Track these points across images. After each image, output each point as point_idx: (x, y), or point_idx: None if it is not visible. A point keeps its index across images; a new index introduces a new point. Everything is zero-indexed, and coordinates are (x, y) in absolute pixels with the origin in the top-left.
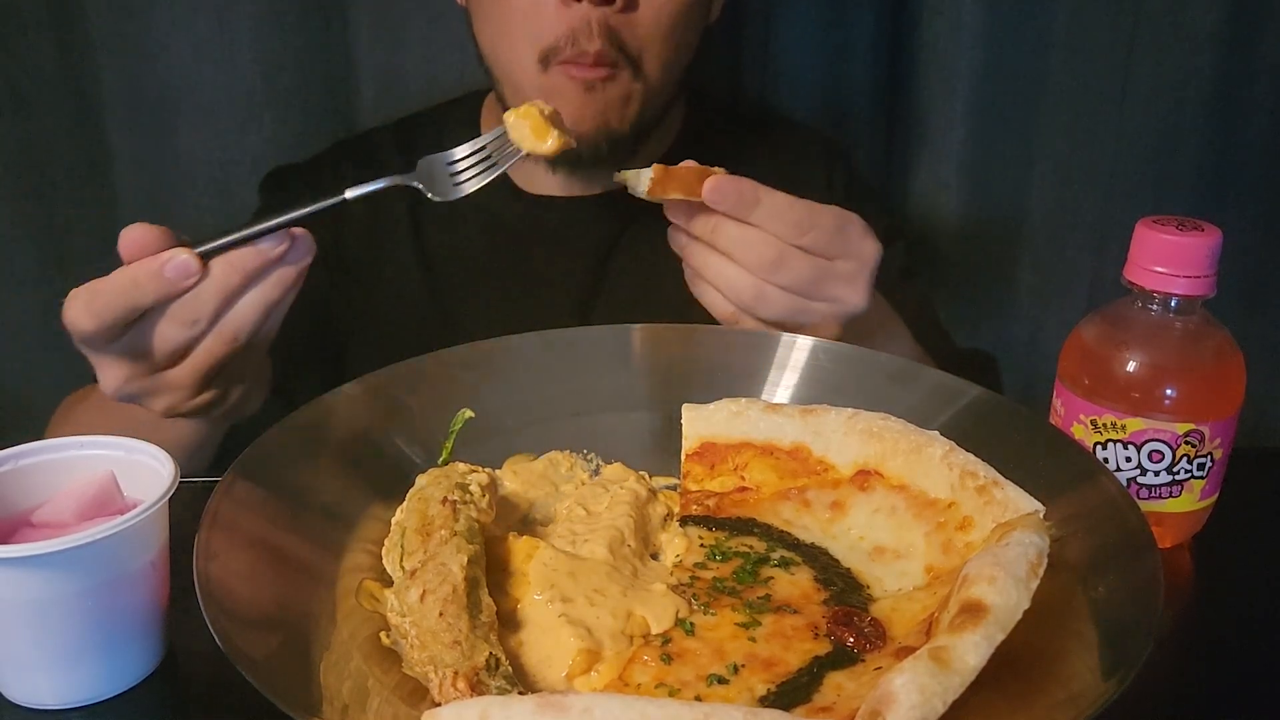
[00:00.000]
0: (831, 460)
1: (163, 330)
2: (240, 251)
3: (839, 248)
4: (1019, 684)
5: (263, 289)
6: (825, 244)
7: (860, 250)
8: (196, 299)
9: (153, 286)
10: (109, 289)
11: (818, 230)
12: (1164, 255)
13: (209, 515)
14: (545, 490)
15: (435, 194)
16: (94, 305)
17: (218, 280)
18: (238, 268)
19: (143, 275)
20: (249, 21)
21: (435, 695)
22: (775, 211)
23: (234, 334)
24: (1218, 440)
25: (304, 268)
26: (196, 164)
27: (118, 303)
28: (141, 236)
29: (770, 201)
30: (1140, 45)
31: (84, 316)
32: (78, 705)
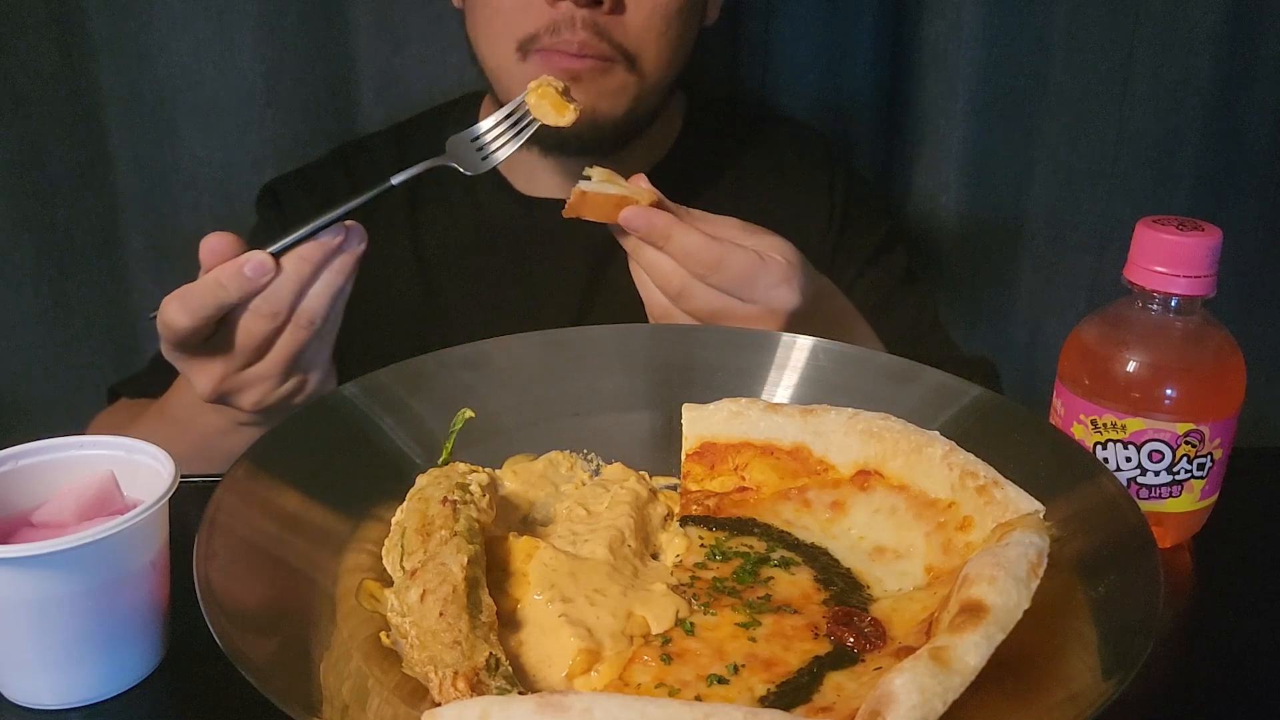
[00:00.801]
0: (831, 460)
1: (248, 325)
2: (306, 245)
3: (746, 292)
4: (1019, 684)
5: (328, 277)
6: (731, 286)
7: (770, 298)
8: (275, 293)
9: (236, 285)
10: (199, 290)
11: (724, 273)
12: (1164, 255)
13: (209, 515)
14: (545, 490)
15: (466, 169)
16: (188, 304)
17: (290, 273)
18: (306, 259)
19: (226, 276)
20: (249, 21)
21: (435, 695)
22: (684, 250)
23: (310, 320)
24: (1218, 440)
25: (359, 254)
26: (196, 164)
27: (208, 301)
28: (220, 244)
29: (681, 238)
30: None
31: (180, 315)
32: (78, 705)
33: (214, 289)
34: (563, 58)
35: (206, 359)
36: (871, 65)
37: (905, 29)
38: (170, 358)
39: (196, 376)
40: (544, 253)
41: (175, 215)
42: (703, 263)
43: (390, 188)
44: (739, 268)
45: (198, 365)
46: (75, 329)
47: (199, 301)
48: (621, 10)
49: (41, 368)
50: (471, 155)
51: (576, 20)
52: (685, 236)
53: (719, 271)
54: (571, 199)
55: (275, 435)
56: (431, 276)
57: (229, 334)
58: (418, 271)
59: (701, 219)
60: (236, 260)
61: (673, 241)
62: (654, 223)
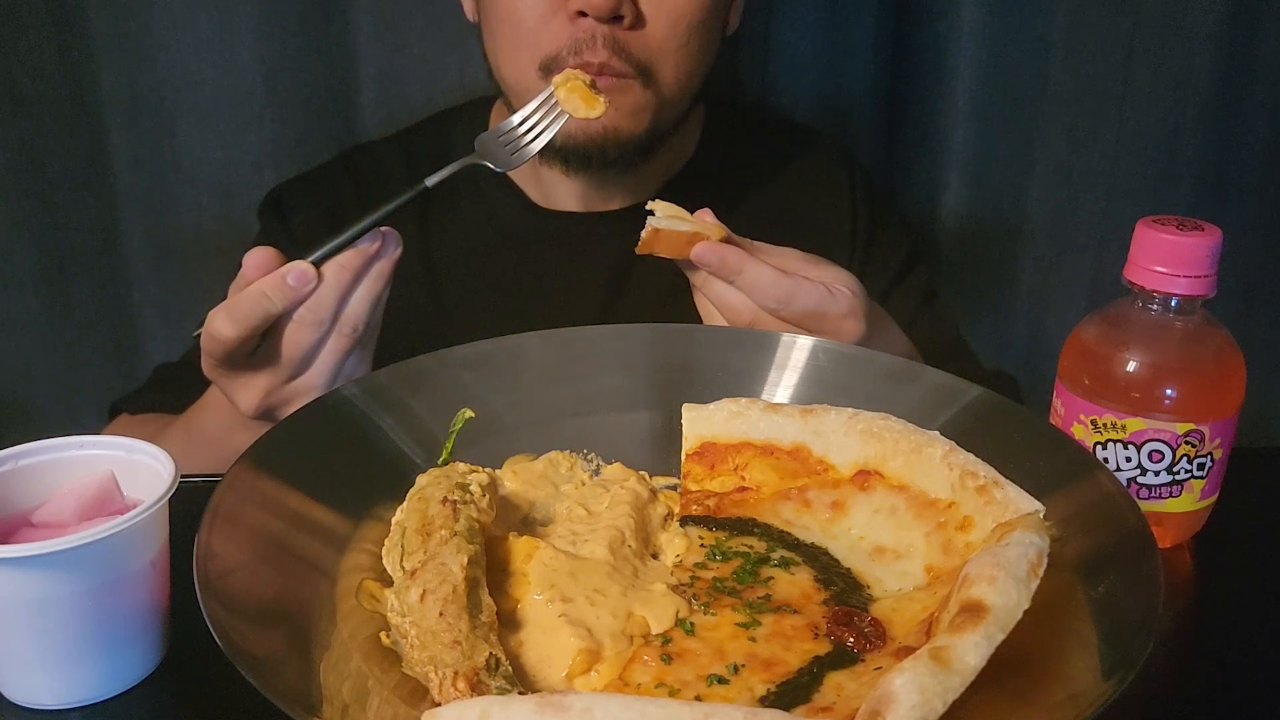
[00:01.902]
0: (831, 460)
1: (294, 335)
2: (345, 253)
3: (814, 325)
4: (1019, 684)
5: (368, 283)
6: (800, 320)
7: (837, 330)
8: (318, 301)
9: (280, 295)
10: (245, 301)
11: (793, 308)
12: (1164, 255)
13: (209, 515)
14: (545, 490)
15: (498, 166)
16: (235, 315)
17: (332, 281)
18: (346, 267)
19: (269, 287)
20: (249, 21)
21: (435, 695)
22: (755, 285)
23: (353, 327)
24: (1218, 440)
25: (396, 259)
26: (196, 164)
27: (255, 312)
28: (262, 258)
29: (753, 273)
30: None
31: (228, 326)
32: (78, 705)
33: (259, 300)
34: None
35: (251, 374)
36: (871, 65)
37: (905, 29)
38: (214, 375)
39: (242, 392)
40: (562, 267)
41: (175, 215)
42: (774, 297)
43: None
44: (809, 301)
45: (243, 381)
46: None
47: (245, 312)
48: (642, 25)
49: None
50: (501, 152)
51: (598, 38)
52: (756, 271)
53: (789, 305)
54: (645, 236)
55: (275, 435)
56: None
57: (273, 347)
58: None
59: (765, 251)
60: (279, 271)
61: (744, 276)
62: (726, 258)
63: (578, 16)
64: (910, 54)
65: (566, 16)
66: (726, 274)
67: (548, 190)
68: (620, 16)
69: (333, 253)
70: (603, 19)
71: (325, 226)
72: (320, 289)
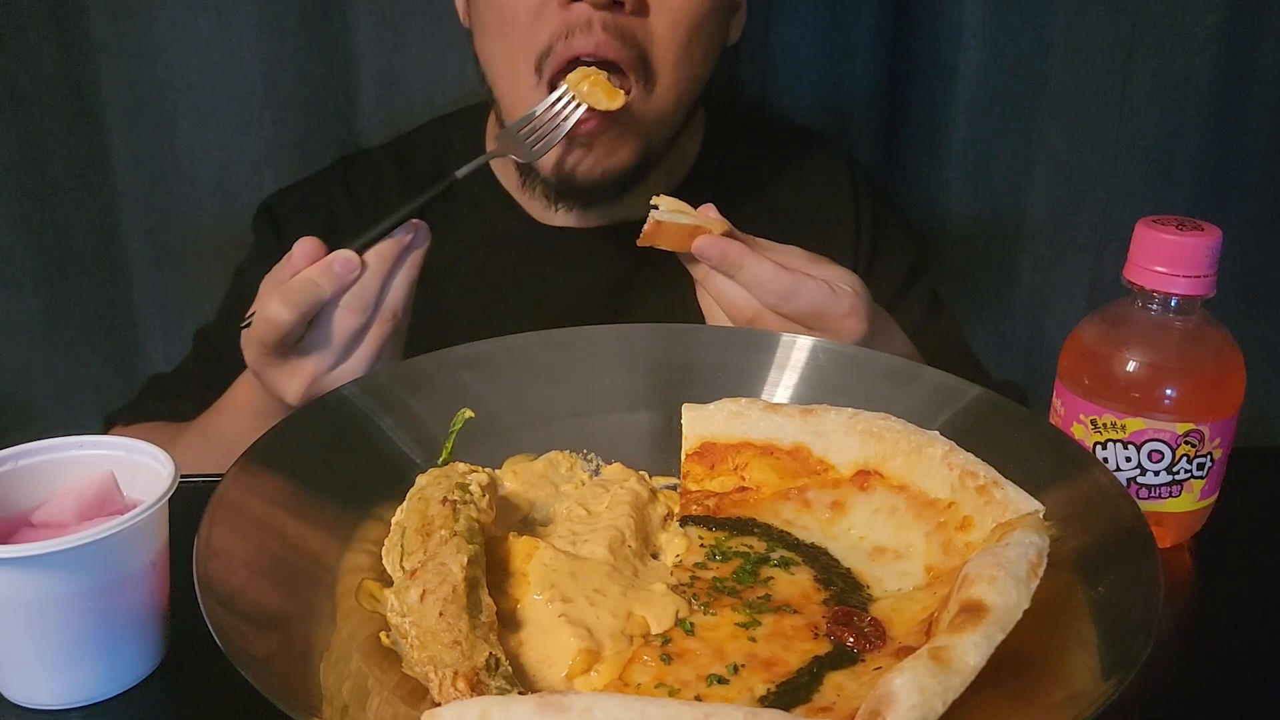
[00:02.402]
0: (831, 460)
1: (341, 321)
2: (383, 243)
3: (815, 323)
4: (1019, 684)
5: (405, 271)
6: (801, 317)
7: (838, 329)
8: (363, 287)
9: (328, 280)
10: (297, 287)
11: (795, 304)
12: (1164, 255)
13: (209, 515)
14: (545, 490)
15: (523, 158)
16: (290, 299)
17: (374, 269)
18: (386, 256)
19: (318, 274)
20: (249, 21)
21: (435, 695)
22: (756, 280)
23: (394, 313)
24: (1217, 440)
25: (427, 249)
26: (196, 164)
27: (306, 296)
28: (311, 248)
29: (754, 268)
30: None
31: (284, 309)
32: (78, 705)
33: (309, 285)
34: None
35: (298, 360)
36: (871, 65)
37: (905, 29)
38: (260, 365)
39: (288, 381)
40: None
41: (175, 215)
42: (775, 293)
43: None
44: (810, 298)
45: (290, 369)
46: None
47: (299, 297)
48: (645, 13)
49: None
50: (523, 145)
51: (594, 22)
52: (757, 266)
53: (790, 301)
54: (646, 228)
55: (275, 435)
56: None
57: (319, 334)
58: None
59: (768, 248)
60: (325, 260)
61: (745, 271)
62: (727, 252)
63: (569, 3)
64: (910, 54)
65: (558, 5)
66: (727, 268)
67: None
68: (620, 2)
69: (371, 243)
70: (598, 4)
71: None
72: (364, 276)
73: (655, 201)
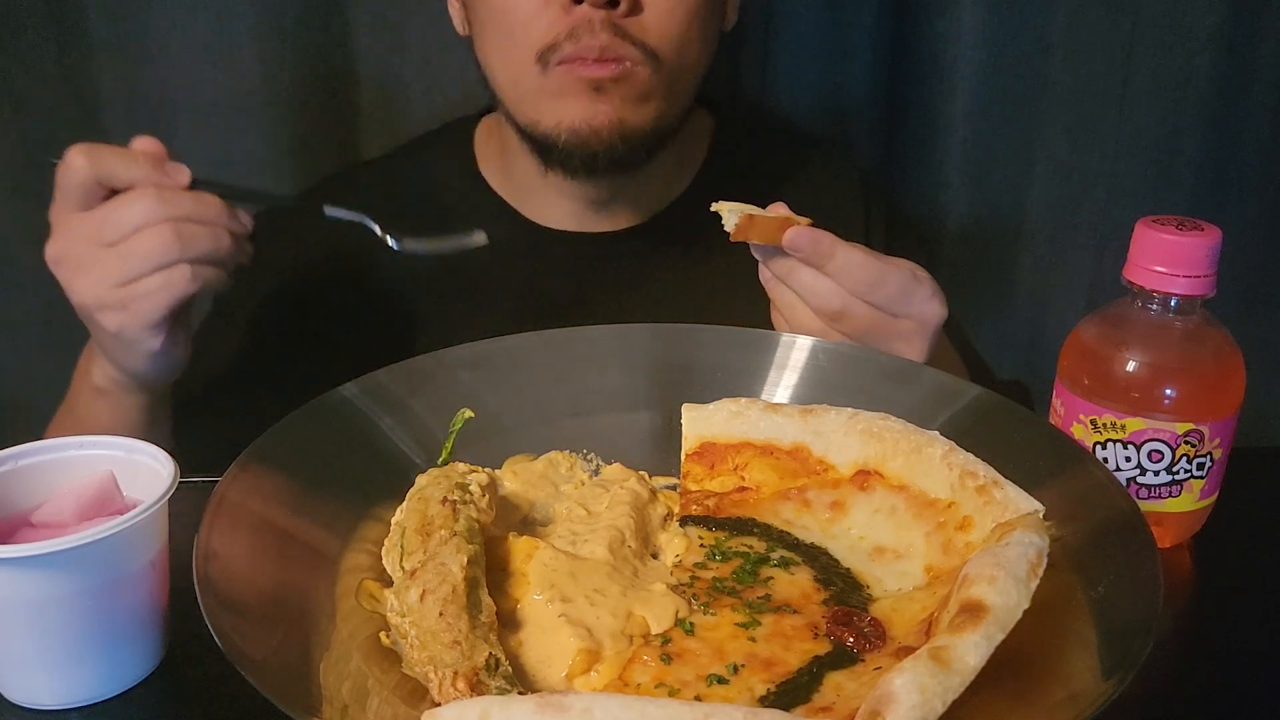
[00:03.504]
0: (831, 460)
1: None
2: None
3: (903, 307)
4: (1019, 684)
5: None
6: (889, 302)
7: (923, 311)
8: (194, 202)
9: (143, 163)
10: (111, 151)
11: (884, 289)
12: (1164, 255)
13: (209, 515)
14: (545, 490)
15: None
16: (94, 157)
17: (213, 208)
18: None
19: (136, 148)
20: (249, 21)
21: (435, 695)
22: (847, 268)
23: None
24: (1217, 440)
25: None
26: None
27: (108, 156)
28: (151, 145)
29: (844, 256)
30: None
31: (83, 162)
32: (77, 705)
33: (118, 152)
34: (585, 65)
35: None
36: (871, 65)
37: (905, 29)
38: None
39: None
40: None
41: None
42: (864, 280)
43: None
44: (898, 281)
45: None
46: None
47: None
48: (639, 10)
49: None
50: None
51: (595, 23)
52: (848, 253)
53: (880, 287)
54: (740, 221)
55: (274, 434)
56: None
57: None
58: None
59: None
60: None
61: (836, 259)
62: (819, 240)
63: (572, 4)
64: (910, 54)
65: (560, 6)
66: (819, 258)
67: (546, 209)
68: (616, 2)
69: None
70: (599, 3)
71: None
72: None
73: (717, 209)
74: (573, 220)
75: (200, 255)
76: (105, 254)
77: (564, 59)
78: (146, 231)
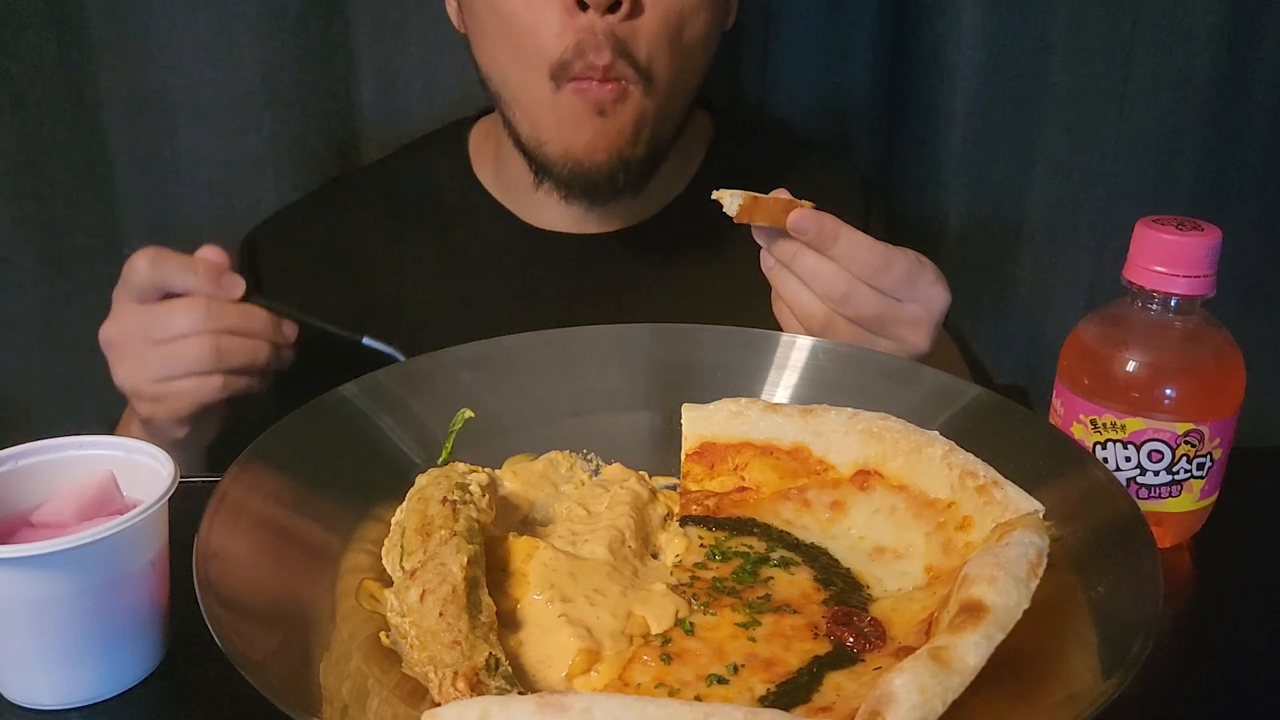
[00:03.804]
0: (831, 460)
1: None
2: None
3: (908, 292)
4: (1019, 684)
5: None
6: (895, 287)
7: (929, 297)
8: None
9: (202, 270)
10: (167, 253)
11: (890, 274)
12: (1164, 255)
13: (209, 515)
14: (545, 490)
15: None
16: (157, 263)
17: (261, 322)
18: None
19: (199, 258)
20: (249, 21)
21: (435, 695)
22: (852, 251)
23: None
24: (1217, 440)
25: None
26: (196, 164)
27: (170, 262)
28: (213, 250)
29: (849, 240)
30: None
31: (146, 267)
32: (77, 705)
33: (180, 259)
34: (593, 86)
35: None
36: (871, 65)
37: (905, 29)
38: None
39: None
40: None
41: (175, 215)
42: (870, 263)
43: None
44: (904, 265)
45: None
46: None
47: (164, 257)
48: (640, 13)
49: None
50: None
51: (600, 36)
52: (853, 237)
53: (886, 272)
54: (744, 202)
55: (274, 434)
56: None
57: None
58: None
59: None
60: (216, 260)
61: (840, 242)
62: (824, 223)
63: (577, 10)
64: (910, 54)
65: (565, 11)
66: (823, 241)
67: (540, 210)
68: (617, 7)
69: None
70: (601, 8)
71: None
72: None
73: (717, 197)
74: (568, 222)
75: (236, 367)
76: (150, 349)
77: (574, 77)
78: (190, 339)
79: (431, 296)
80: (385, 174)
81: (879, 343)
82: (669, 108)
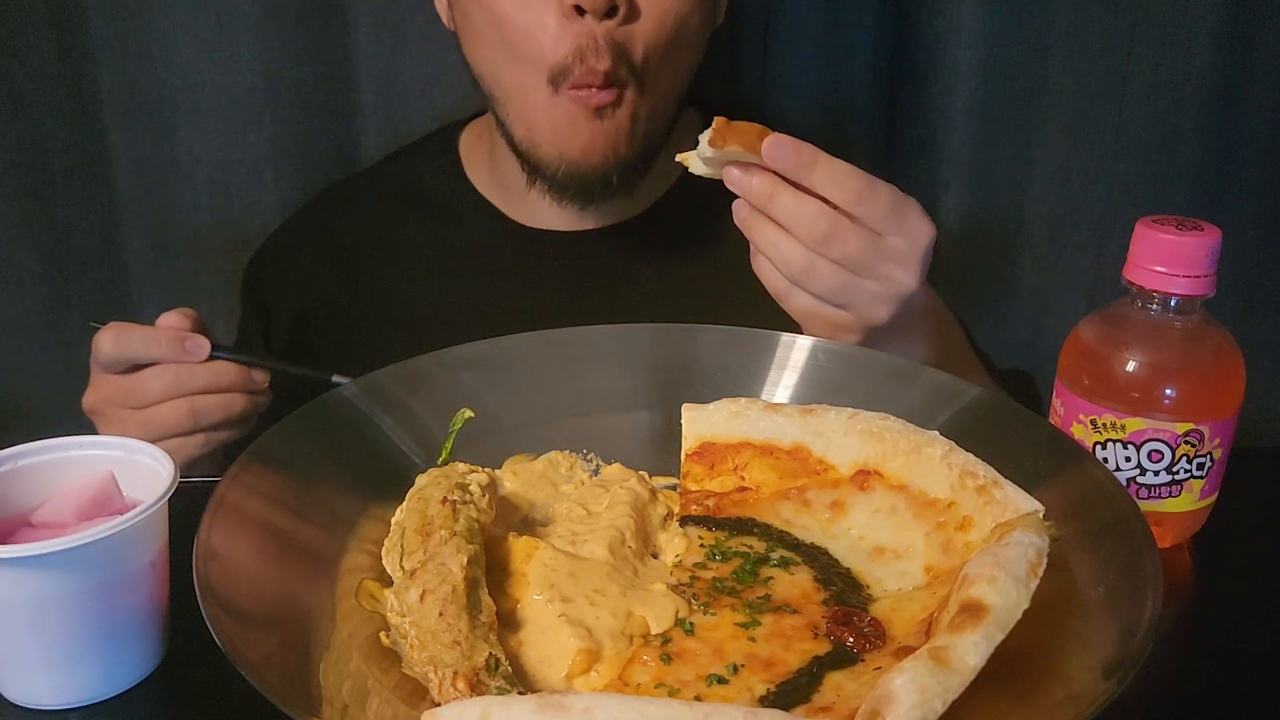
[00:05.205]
0: (831, 460)
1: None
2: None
3: (893, 224)
4: (1019, 684)
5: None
6: (879, 218)
7: (914, 229)
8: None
9: (169, 345)
10: (137, 332)
11: (873, 202)
12: (1164, 255)
13: (209, 515)
14: (545, 490)
15: None
16: (120, 339)
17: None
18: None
19: (161, 330)
20: (249, 21)
21: (435, 695)
22: (833, 176)
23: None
24: (1217, 440)
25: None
26: (196, 164)
27: (135, 345)
28: (177, 320)
29: (829, 166)
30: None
31: (109, 345)
32: (77, 705)
33: (148, 340)
34: (593, 93)
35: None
36: (871, 65)
37: (905, 29)
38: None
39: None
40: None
41: (175, 215)
42: (853, 190)
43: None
44: (888, 195)
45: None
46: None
47: (130, 342)
48: (636, 17)
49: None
50: None
51: (600, 40)
52: (832, 163)
53: (868, 200)
54: (716, 125)
55: (274, 435)
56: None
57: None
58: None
59: None
60: (181, 331)
61: (820, 168)
62: (801, 149)
63: (575, 14)
64: (910, 54)
65: (561, 15)
66: (802, 168)
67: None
68: (614, 11)
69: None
70: (599, 14)
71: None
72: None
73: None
74: (561, 220)
75: (212, 424)
76: (130, 416)
77: (574, 84)
78: (165, 405)
79: (428, 297)
80: (378, 178)
81: (865, 285)
82: (662, 107)
